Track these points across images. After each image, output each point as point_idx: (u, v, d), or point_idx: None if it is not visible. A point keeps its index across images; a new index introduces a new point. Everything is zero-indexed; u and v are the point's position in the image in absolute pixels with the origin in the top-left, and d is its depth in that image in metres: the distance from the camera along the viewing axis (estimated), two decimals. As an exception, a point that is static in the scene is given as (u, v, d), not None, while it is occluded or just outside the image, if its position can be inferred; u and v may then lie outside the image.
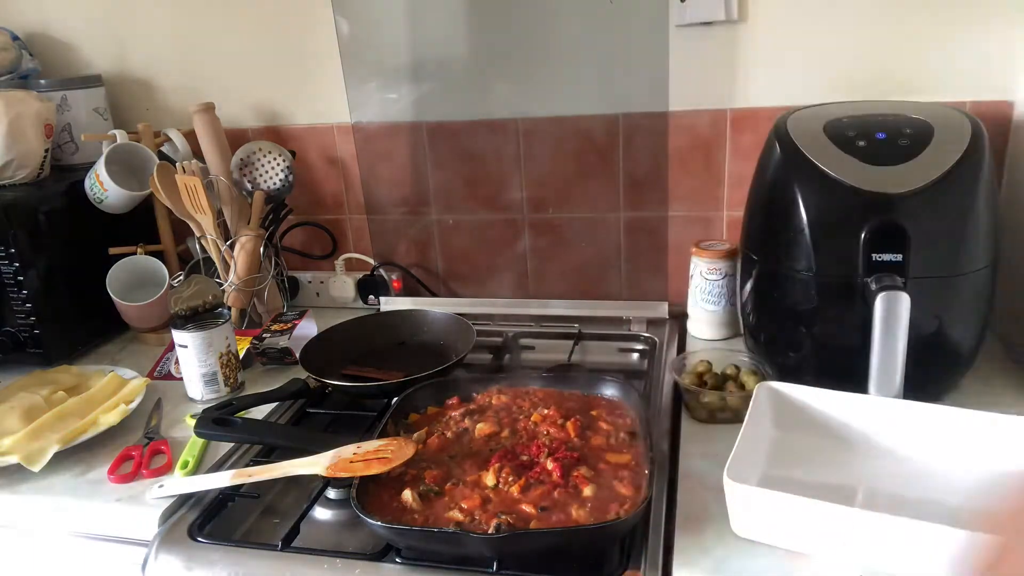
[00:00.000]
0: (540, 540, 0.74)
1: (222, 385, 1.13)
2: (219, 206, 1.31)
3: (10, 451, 0.96)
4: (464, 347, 1.14)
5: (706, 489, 0.83)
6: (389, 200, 1.41)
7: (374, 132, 1.38)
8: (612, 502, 0.77)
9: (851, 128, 0.93)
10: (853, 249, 0.87)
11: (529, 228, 1.37)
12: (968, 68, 1.12)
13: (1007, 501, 0.77)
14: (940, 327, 0.90)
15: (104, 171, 1.26)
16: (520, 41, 1.26)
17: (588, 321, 1.29)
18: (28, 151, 1.28)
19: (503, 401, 0.97)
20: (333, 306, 1.46)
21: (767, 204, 0.99)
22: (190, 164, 1.27)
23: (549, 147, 1.30)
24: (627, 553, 0.75)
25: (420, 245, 1.43)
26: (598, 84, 1.25)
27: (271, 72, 1.38)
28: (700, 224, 1.29)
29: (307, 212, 1.45)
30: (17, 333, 1.22)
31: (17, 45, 1.42)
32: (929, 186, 0.86)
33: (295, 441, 0.95)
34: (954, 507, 0.77)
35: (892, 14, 1.12)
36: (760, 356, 1.03)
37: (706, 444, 0.92)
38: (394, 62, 1.32)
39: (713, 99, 1.22)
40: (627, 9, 1.20)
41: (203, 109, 1.31)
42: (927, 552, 0.67)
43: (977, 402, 0.94)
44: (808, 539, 0.72)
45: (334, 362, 1.16)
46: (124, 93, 1.47)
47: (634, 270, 1.35)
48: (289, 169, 1.31)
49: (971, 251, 0.88)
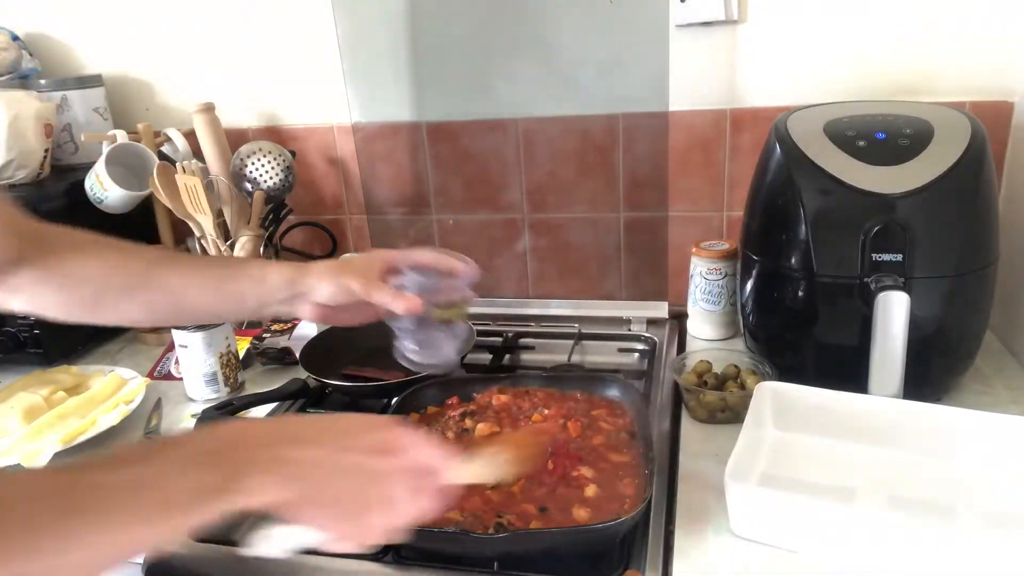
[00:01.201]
0: (540, 540, 0.74)
1: (222, 385, 1.13)
2: (219, 206, 1.31)
3: (10, 451, 0.96)
4: (464, 347, 1.14)
5: (706, 489, 0.83)
6: (389, 200, 1.41)
7: (374, 132, 1.37)
8: (612, 502, 0.77)
9: (851, 128, 0.93)
10: (853, 249, 0.87)
11: (529, 228, 1.37)
12: (968, 68, 1.12)
13: (1007, 501, 0.77)
14: (940, 327, 0.90)
15: (104, 171, 1.26)
16: (520, 41, 1.26)
17: (588, 321, 1.29)
18: (28, 151, 1.28)
19: (503, 401, 0.97)
20: (333, 306, 1.46)
21: (767, 204, 0.99)
22: (190, 164, 1.27)
23: (549, 147, 1.30)
24: (627, 553, 0.75)
25: (420, 245, 1.43)
26: (598, 84, 1.25)
27: (271, 72, 1.38)
28: (700, 224, 1.29)
29: (307, 212, 1.45)
30: (17, 333, 1.22)
31: (17, 45, 1.42)
32: (929, 186, 0.86)
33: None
34: (954, 507, 0.77)
35: (892, 14, 1.12)
36: (760, 356, 1.03)
37: (706, 444, 0.92)
38: (394, 62, 1.32)
39: (713, 99, 1.22)
40: (627, 9, 1.20)
41: (203, 109, 1.31)
42: (927, 552, 0.67)
43: (977, 402, 0.95)
44: (808, 539, 0.72)
45: (334, 362, 1.16)
46: (124, 93, 1.47)
47: (634, 270, 1.35)
48: (289, 169, 1.31)
49: (971, 251, 0.88)
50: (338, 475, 0.51)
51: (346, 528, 0.52)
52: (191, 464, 0.47)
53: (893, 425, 0.85)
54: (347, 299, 0.77)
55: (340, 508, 0.52)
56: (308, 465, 0.50)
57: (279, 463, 0.49)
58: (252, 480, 0.47)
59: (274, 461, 0.49)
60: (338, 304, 0.78)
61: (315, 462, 0.50)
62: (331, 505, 0.51)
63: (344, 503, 0.52)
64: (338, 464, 0.51)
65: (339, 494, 0.51)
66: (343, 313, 0.80)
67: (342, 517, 0.52)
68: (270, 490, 0.48)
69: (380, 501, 0.53)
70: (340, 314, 0.80)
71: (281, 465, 0.49)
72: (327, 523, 0.52)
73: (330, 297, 0.77)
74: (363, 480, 0.52)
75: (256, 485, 0.47)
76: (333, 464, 0.51)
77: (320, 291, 0.77)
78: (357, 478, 0.52)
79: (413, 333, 0.80)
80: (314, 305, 0.78)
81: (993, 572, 0.65)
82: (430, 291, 0.79)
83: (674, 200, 1.29)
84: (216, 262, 0.83)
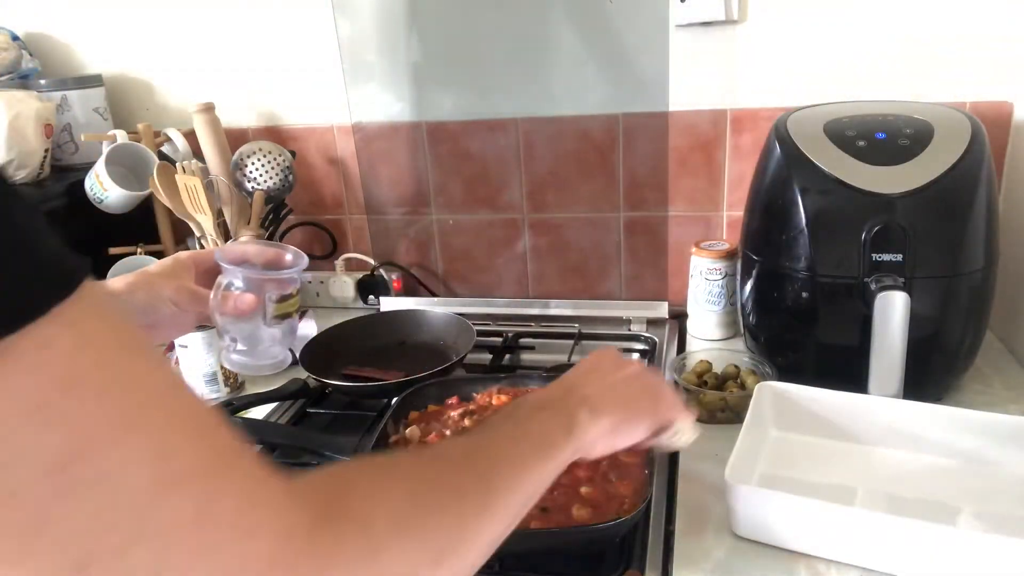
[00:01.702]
0: (540, 540, 0.74)
1: (222, 385, 1.13)
2: (219, 206, 1.31)
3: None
4: (464, 347, 1.14)
5: (706, 489, 0.83)
6: (389, 200, 1.41)
7: (374, 132, 1.38)
8: (612, 502, 0.77)
9: (851, 128, 0.93)
10: (853, 249, 0.87)
11: (529, 228, 1.37)
12: (968, 68, 1.12)
13: (1007, 501, 0.77)
14: (940, 327, 0.90)
15: (104, 171, 1.26)
16: (520, 41, 1.26)
17: (588, 321, 1.29)
18: (28, 151, 1.28)
19: (503, 401, 0.97)
20: (333, 306, 1.46)
21: (767, 204, 0.99)
22: (190, 164, 1.27)
23: (549, 147, 1.30)
24: (627, 553, 0.75)
25: (420, 245, 1.43)
26: (598, 84, 1.25)
27: (271, 72, 1.38)
28: (700, 224, 1.29)
29: (307, 212, 1.45)
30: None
31: (17, 45, 1.42)
32: (929, 186, 0.86)
33: (295, 441, 0.95)
34: (954, 507, 0.77)
35: (892, 14, 1.12)
36: (760, 356, 1.03)
37: (706, 444, 0.92)
38: (394, 62, 1.32)
39: (713, 99, 1.22)
40: (627, 9, 1.20)
41: (203, 109, 1.31)
42: (927, 552, 0.67)
43: (977, 402, 0.95)
44: (808, 539, 0.72)
45: (334, 362, 1.16)
46: (124, 93, 1.47)
47: (634, 270, 1.35)
48: (289, 169, 1.31)
49: (971, 251, 0.88)
50: (618, 387, 0.65)
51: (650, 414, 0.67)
52: (541, 415, 0.58)
53: (893, 425, 0.85)
54: (163, 314, 0.70)
55: (636, 404, 0.66)
56: (599, 392, 0.63)
57: (585, 399, 0.61)
58: (580, 415, 0.59)
59: (582, 400, 0.61)
60: (153, 322, 0.70)
61: (602, 388, 0.64)
62: (632, 404, 0.65)
63: (635, 399, 0.66)
64: (615, 382, 0.66)
65: (628, 396, 0.65)
66: (159, 333, 0.73)
67: (643, 409, 0.66)
68: (594, 416, 0.60)
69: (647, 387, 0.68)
70: (155, 334, 0.73)
71: (587, 400, 0.61)
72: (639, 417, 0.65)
73: (144, 316, 0.68)
74: (633, 381, 0.67)
75: (585, 417, 0.59)
76: (612, 384, 0.65)
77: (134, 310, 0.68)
78: (631, 382, 0.67)
79: (240, 333, 0.74)
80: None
81: (993, 572, 0.65)
82: (260, 287, 0.73)
83: (674, 200, 1.29)
84: None
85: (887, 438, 0.85)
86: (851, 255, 0.88)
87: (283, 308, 0.75)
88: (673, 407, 0.69)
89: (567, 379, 0.65)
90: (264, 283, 0.73)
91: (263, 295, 0.73)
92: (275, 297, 0.74)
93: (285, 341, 0.77)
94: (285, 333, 0.77)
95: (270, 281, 0.74)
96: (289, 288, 0.75)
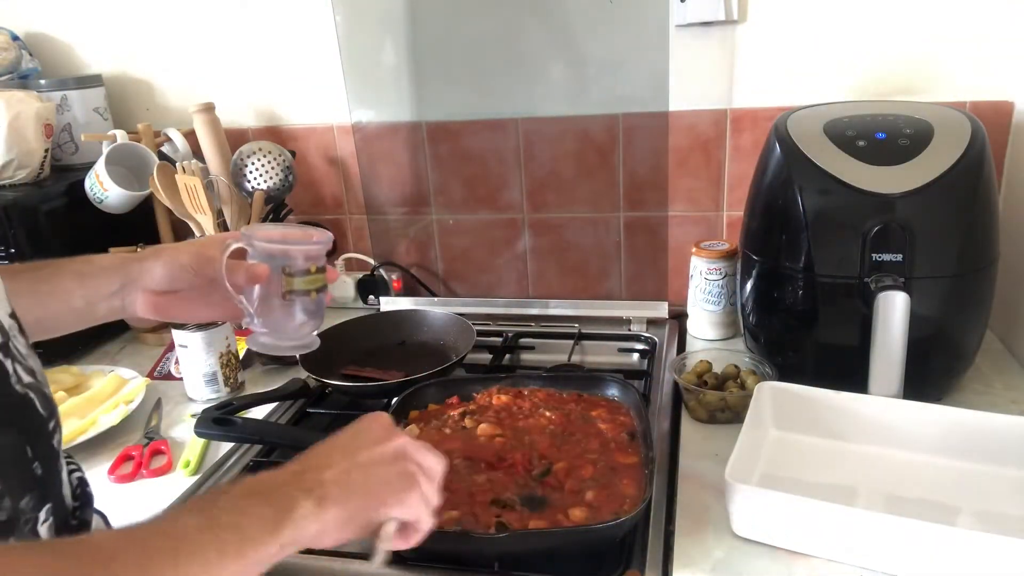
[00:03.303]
0: (541, 540, 0.74)
1: (222, 385, 1.13)
2: (219, 206, 1.31)
3: (10, 451, 0.96)
4: (464, 347, 1.14)
5: (706, 489, 0.83)
6: (389, 200, 1.41)
7: (374, 132, 1.38)
8: (612, 502, 0.77)
9: (851, 128, 0.93)
10: (853, 249, 0.87)
11: (529, 228, 1.37)
12: (968, 68, 1.12)
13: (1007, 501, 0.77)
14: (940, 327, 0.90)
15: (104, 171, 1.26)
16: (520, 41, 1.26)
17: (588, 321, 1.29)
18: (28, 151, 1.28)
19: (503, 401, 0.97)
20: (333, 306, 1.45)
21: (767, 204, 0.99)
22: (190, 164, 1.27)
23: (549, 147, 1.30)
24: (627, 553, 0.75)
25: (420, 245, 1.43)
26: (598, 84, 1.25)
27: (271, 72, 1.38)
28: (700, 224, 1.29)
29: (307, 212, 1.45)
30: (17, 333, 1.22)
31: (17, 45, 1.42)
32: (929, 186, 0.86)
33: (295, 441, 0.95)
34: (954, 507, 0.77)
35: (892, 14, 1.12)
36: (760, 356, 1.03)
37: (706, 444, 0.92)
38: (394, 62, 1.32)
39: (713, 99, 1.22)
40: (627, 9, 1.20)
41: (203, 109, 1.31)
42: (927, 552, 0.67)
43: (977, 402, 0.95)
44: (808, 539, 0.72)
45: (334, 362, 1.16)
46: (124, 93, 1.47)
47: (634, 270, 1.35)
48: (289, 169, 1.31)
49: (971, 251, 0.88)
50: (366, 470, 0.58)
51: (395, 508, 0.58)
52: (246, 503, 0.51)
53: (893, 425, 0.85)
54: (183, 282, 0.71)
55: (379, 493, 0.58)
56: (338, 476, 0.56)
57: (317, 485, 0.54)
58: (302, 506, 0.52)
59: (314, 485, 0.54)
60: (174, 290, 0.71)
61: (344, 471, 0.57)
62: (375, 493, 0.57)
63: (380, 486, 0.58)
64: (364, 464, 0.58)
65: (372, 482, 0.58)
66: (181, 304, 0.73)
67: (387, 501, 0.58)
68: (320, 508, 0.53)
69: (402, 476, 0.59)
70: (177, 305, 0.73)
71: (319, 486, 0.54)
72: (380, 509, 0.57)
73: (163, 280, 0.70)
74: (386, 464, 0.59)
75: (308, 509, 0.52)
76: (360, 464, 0.58)
77: (152, 274, 0.70)
78: (382, 465, 0.59)
79: (262, 313, 0.73)
80: (147, 294, 0.71)
81: (993, 572, 0.65)
82: (279, 259, 0.71)
83: (674, 200, 1.29)
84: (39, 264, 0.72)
85: (887, 438, 0.85)
86: (851, 255, 0.88)
87: (303, 283, 0.72)
88: (421, 502, 0.60)
89: (311, 454, 0.58)
90: (282, 255, 0.71)
91: (278, 266, 0.71)
92: (296, 270, 0.72)
93: (309, 322, 0.75)
94: (305, 312, 0.74)
95: (290, 252, 0.72)
96: (311, 263, 0.73)
